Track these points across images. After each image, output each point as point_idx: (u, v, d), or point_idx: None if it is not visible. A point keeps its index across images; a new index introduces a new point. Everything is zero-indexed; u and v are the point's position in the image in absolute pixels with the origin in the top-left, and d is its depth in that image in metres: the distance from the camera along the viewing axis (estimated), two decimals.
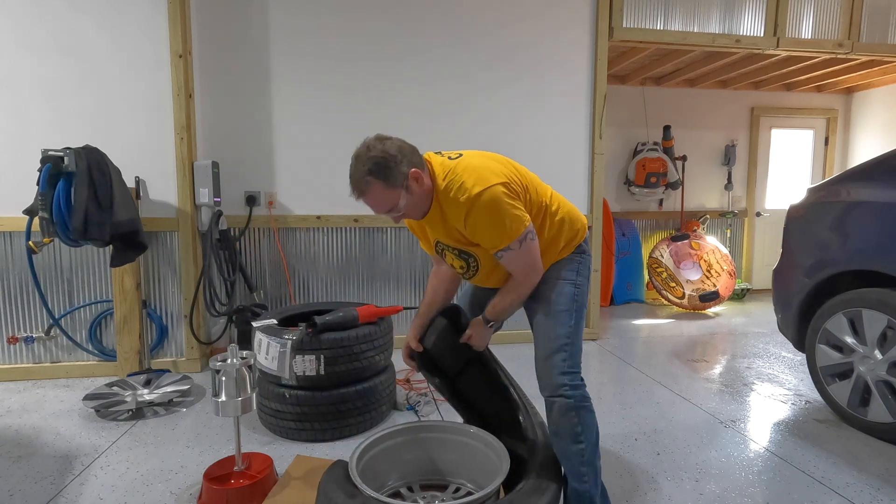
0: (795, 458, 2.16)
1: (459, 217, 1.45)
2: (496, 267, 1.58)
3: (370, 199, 1.44)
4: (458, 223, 1.48)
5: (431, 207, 1.51)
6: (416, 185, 1.44)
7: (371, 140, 1.44)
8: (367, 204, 1.46)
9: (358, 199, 1.45)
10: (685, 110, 5.46)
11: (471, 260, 1.59)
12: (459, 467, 1.78)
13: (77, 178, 2.49)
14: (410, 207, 1.48)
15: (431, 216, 1.53)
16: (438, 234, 1.59)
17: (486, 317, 1.63)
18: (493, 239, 1.46)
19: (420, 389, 2.82)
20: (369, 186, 1.41)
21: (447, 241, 1.59)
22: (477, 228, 1.45)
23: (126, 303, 2.99)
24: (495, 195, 1.41)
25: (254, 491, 1.81)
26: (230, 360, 1.79)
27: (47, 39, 2.91)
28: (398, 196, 1.43)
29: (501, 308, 1.60)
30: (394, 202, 1.44)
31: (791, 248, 2.78)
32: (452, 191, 1.44)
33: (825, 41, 4.03)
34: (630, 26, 3.74)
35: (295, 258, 3.47)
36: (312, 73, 3.35)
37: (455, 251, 1.60)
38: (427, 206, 1.51)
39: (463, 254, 1.59)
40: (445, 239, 1.58)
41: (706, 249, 4.94)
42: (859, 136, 5.70)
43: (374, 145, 1.41)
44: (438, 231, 1.58)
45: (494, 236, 1.45)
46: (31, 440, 2.30)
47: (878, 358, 2.28)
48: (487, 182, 1.42)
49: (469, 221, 1.44)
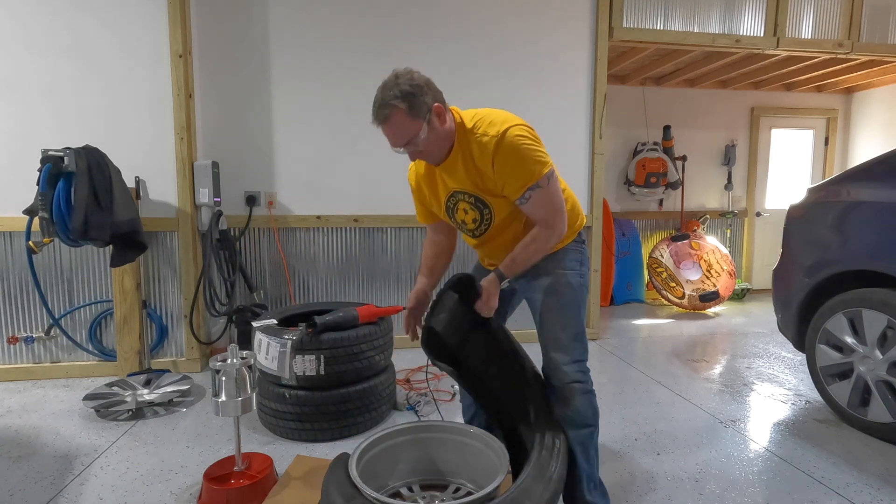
0: (795, 458, 2.16)
1: (487, 155, 1.45)
2: (508, 224, 1.58)
3: (391, 128, 1.43)
4: (486, 163, 1.46)
5: (452, 152, 1.51)
6: (437, 122, 1.45)
7: (400, 70, 1.47)
8: (386, 134, 1.45)
9: (379, 125, 1.45)
10: (685, 110, 5.46)
11: (485, 211, 1.56)
12: (459, 467, 1.78)
13: (77, 178, 2.50)
14: (429, 144, 1.46)
15: (451, 162, 1.52)
16: (457, 182, 1.55)
17: (502, 272, 1.53)
18: (521, 176, 1.44)
19: (420, 389, 2.82)
20: (393, 112, 1.40)
21: (467, 186, 1.54)
22: (506, 166, 1.44)
23: (126, 303, 2.99)
24: (523, 131, 1.46)
25: (254, 491, 1.81)
26: (230, 360, 1.79)
27: (47, 39, 2.91)
28: (419, 127, 1.42)
29: (522, 259, 1.52)
30: (414, 132, 1.42)
31: (791, 248, 2.78)
32: (481, 128, 1.47)
33: (825, 41, 4.03)
34: (630, 26, 3.74)
35: (295, 258, 3.47)
36: (312, 72, 3.35)
37: (471, 199, 1.56)
38: (447, 149, 1.50)
39: (479, 203, 1.56)
40: (465, 185, 1.54)
41: (706, 249, 4.94)
42: (859, 136, 5.70)
43: (403, 74, 1.44)
44: (458, 178, 1.54)
45: (524, 172, 1.44)
46: (31, 440, 2.30)
47: (878, 358, 2.28)
48: (515, 121, 1.48)
49: (498, 158, 1.44)
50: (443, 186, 1.61)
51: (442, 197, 1.64)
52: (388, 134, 1.45)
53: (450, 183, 1.58)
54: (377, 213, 3.51)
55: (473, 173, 1.51)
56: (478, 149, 1.47)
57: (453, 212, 1.64)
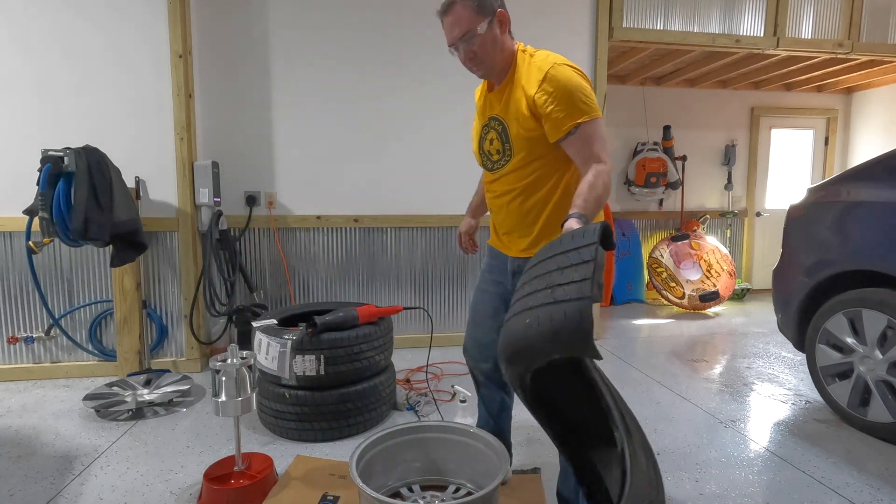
0: (795, 458, 2.16)
1: (535, 79, 1.43)
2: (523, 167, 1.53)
3: (452, 16, 1.45)
4: (532, 86, 1.44)
5: (508, 76, 1.52)
6: (498, 28, 1.47)
7: None
8: (445, 25, 1.47)
9: (442, 16, 1.47)
10: (685, 110, 5.46)
11: (507, 146, 1.54)
12: (459, 467, 1.78)
13: (77, 178, 2.50)
14: (485, 47, 1.46)
15: (504, 87, 1.53)
16: (500, 108, 1.55)
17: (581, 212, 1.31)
18: (569, 107, 1.40)
19: (420, 389, 2.82)
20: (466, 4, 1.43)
21: (503, 113, 1.54)
22: (556, 92, 1.40)
23: (126, 303, 2.99)
24: (579, 72, 1.47)
25: (254, 491, 1.81)
26: (230, 360, 1.79)
27: (47, 39, 2.91)
28: (481, 21, 1.44)
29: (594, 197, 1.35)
30: (475, 24, 1.44)
31: (791, 248, 2.78)
32: (538, 56, 1.49)
33: (825, 41, 4.03)
34: (630, 26, 3.74)
35: (295, 258, 3.47)
36: (312, 72, 3.35)
37: (500, 128, 1.55)
38: (501, 63, 1.51)
39: (504, 135, 1.54)
40: (502, 112, 1.54)
41: (706, 249, 4.94)
42: (859, 136, 5.70)
43: None
44: (502, 104, 1.54)
45: (575, 105, 1.40)
46: (31, 440, 2.30)
47: (878, 358, 2.28)
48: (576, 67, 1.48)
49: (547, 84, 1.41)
50: (487, 109, 1.61)
51: (481, 122, 1.65)
52: (447, 25, 1.47)
53: (494, 106, 1.58)
54: (377, 213, 3.51)
55: (515, 100, 1.50)
56: (527, 73, 1.47)
57: (483, 141, 1.64)
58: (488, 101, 1.61)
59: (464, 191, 3.59)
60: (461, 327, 3.73)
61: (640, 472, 1.09)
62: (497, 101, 1.57)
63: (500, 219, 1.70)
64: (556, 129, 1.43)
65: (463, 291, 3.70)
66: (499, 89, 1.56)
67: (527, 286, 1.16)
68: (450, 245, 3.65)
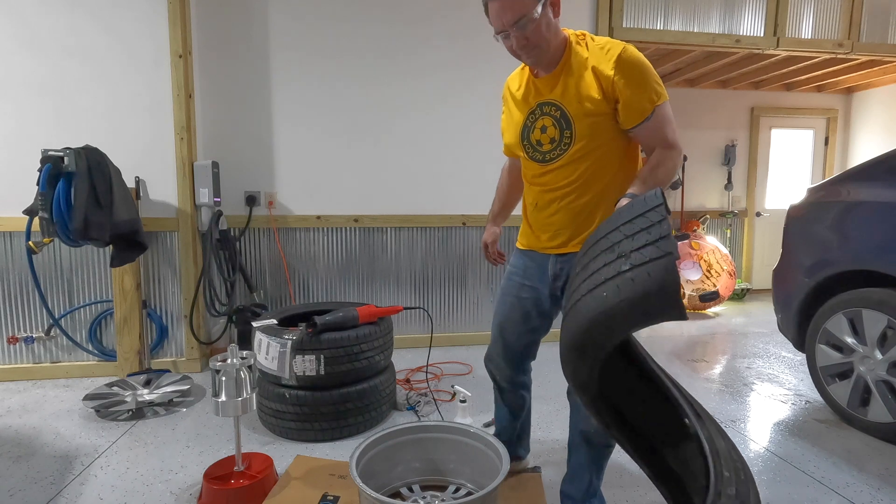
0: (795, 458, 2.16)
1: (609, 59, 1.37)
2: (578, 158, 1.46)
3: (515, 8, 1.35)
4: (606, 66, 1.37)
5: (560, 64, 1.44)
6: (551, 12, 1.39)
7: None
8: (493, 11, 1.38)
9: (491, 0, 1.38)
10: (685, 110, 5.46)
11: (566, 132, 1.45)
12: (459, 467, 1.78)
13: (77, 178, 2.50)
14: (538, 32, 1.37)
15: (556, 73, 1.45)
16: (554, 93, 1.46)
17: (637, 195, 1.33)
18: (647, 90, 1.36)
19: (420, 389, 2.82)
20: None
21: (561, 98, 1.45)
22: (632, 77, 1.36)
23: (126, 303, 2.99)
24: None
25: (254, 491, 1.81)
26: (230, 360, 1.79)
27: (48, 39, 2.91)
28: (533, 7, 1.34)
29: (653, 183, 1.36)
30: (527, 10, 1.34)
31: (791, 248, 2.78)
32: (600, 41, 1.43)
33: (825, 41, 4.03)
34: (630, 26, 3.74)
35: (295, 258, 3.47)
36: (312, 72, 3.35)
37: (557, 113, 1.46)
38: (552, 50, 1.43)
39: (563, 120, 1.45)
40: (560, 96, 1.45)
41: (706, 249, 4.94)
42: (859, 136, 5.70)
43: None
44: (557, 89, 1.45)
45: (649, 88, 1.37)
46: (31, 440, 2.30)
47: (878, 358, 2.28)
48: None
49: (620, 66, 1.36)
50: (534, 96, 1.51)
51: (524, 111, 1.54)
52: (496, 10, 1.37)
53: (544, 92, 1.49)
54: (377, 213, 3.51)
55: (580, 82, 1.41)
56: (597, 55, 1.40)
57: (530, 130, 1.53)
58: (534, 87, 1.51)
59: (464, 191, 3.60)
60: (461, 327, 3.73)
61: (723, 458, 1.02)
62: (547, 86, 1.48)
63: (545, 216, 1.57)
64: (634, 114, 1.39)
65: (463, 291, 3.70)
66: (551, 74, 1.46)
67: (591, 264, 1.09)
68: (450, 245, 3.65)
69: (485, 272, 3.72)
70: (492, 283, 3.74)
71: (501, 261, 1.95)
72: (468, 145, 3.57)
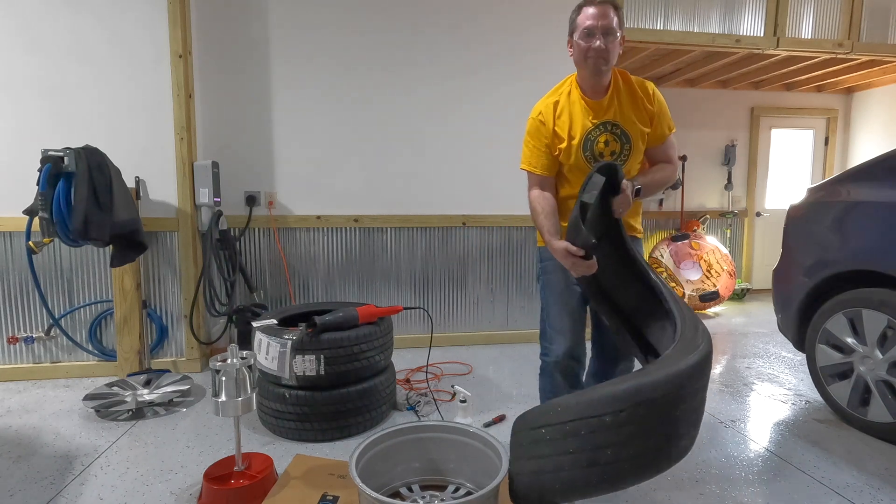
0: (795, 458, 2.16)
1: (649, 92, 1.80)
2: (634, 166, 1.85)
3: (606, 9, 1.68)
4: (649, 97, 1.80)
5: (611, 88, 1.78)
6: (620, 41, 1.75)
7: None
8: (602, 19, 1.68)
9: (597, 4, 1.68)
10: (685, 110, 5.45)
11: (626, 146, 1.80)
12: (459, 467, 1.79)
13: (77, 178, 2.50)
14: (613, 49, 1.71)
15: (610, 97, 1.79)
16: (612, 114, 1.79)
17: (638, 185, 1.74)
18: (668, 119, 1.84)
19: (420, 389, 2.83)
20: (617, 11, 1.71)
21: (619, 118, 1.78)
22: (662, 106, 1.82)
23: (126, 303, 2.99)
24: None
25: (254, 491, 1.81)
26: (230, 360, 1.79)
27: (48, 40, 2.91)
28: (620, 28, 1.72)
29: (651, 181, 1.80)
30: (618, 26, 1.71)
31: (791, 248, 2.78)
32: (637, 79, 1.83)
33: (825, 41, 4.03)
34: (630, 26, 3.74)
35: (295, 258, 3.47)
36: (312, 72, 3.35)
37: (618, 131, 1.79)
38: (610, 71, 1.78)
39: (623, 136, 1.80)
40: (619, 118, 1.78)
41: (706, 249, 4.94)
42: (859, 136, 5.70)
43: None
44: (614, 108, 1.79)
45: (669, 119, 1.84)
46: (31, 440, 2.30)
47: (878, 358, 2.28)
48: None
49: (656, 98, 1.81)
50: (592, 116, 1.81)
51: (580, 131, 1.80)
52: (597, 13, 1.68)
53: (601, 113, 1.80)
54: (377, 213, 3.51)
55: (634, 107, 1.79)
56: (642, 87, 1.81)
57: (593, 143, 1.81)
58: (590, 109, 1.80)
59: (464, 191, 3.60)
60: (461, 327, 3.73)
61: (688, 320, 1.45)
62: (602, 108, 1.79)
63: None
64: (658, 137, 1.83)
65: (463, 291, 3.70)
66: (608, 97, 1.79)
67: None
68: (450, 245, 3.65)
69: (485, 272, 3.72)
70: (491, 283, 3.74)
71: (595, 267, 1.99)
72: (468, 146, 3.57)
